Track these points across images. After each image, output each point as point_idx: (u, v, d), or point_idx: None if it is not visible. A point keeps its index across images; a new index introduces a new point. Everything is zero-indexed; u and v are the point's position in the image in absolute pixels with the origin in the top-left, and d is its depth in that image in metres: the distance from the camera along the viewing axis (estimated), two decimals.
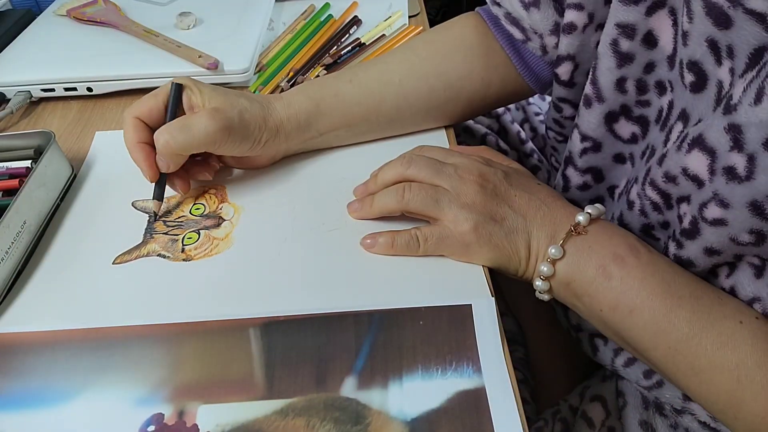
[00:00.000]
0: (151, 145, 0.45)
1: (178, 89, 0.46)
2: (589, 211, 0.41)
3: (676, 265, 0.39)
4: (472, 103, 0.54)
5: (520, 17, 0.49)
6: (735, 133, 0.32)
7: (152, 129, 0.46)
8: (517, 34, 0.50)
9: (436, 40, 0.54)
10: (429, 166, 0.43)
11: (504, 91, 0.54)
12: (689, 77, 0.37)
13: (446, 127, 0.56)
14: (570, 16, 0.43)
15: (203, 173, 0.49)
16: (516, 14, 0.49)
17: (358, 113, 0.51)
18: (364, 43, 0.67)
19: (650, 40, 0.40)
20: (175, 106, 0.46)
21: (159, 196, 0.47)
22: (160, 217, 0.47)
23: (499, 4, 0.51)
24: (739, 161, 0.32)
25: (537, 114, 0.71)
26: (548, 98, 0.69)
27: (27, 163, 0.49)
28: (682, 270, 0.39)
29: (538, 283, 0.41)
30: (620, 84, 0.42)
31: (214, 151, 0.46)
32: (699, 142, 0.35)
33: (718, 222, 0.35)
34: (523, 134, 0.68)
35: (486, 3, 0.53)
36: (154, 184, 0.46)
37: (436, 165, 0.43)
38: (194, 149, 0.45)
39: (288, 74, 0.64)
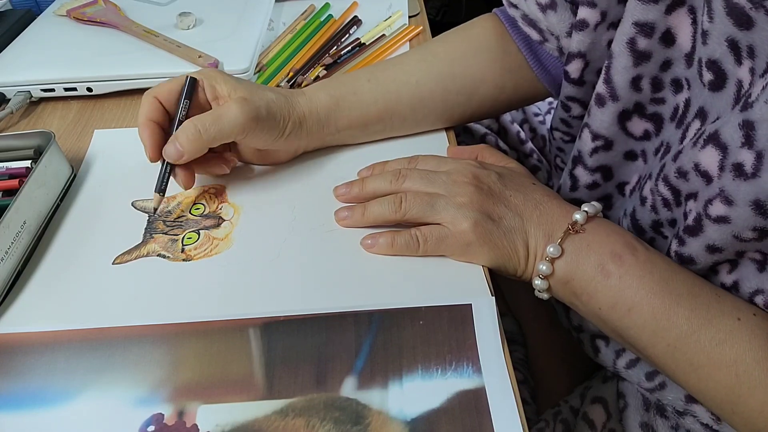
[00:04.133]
0: (160, 125, 0.46)
1: (192, 83, 0.46)
2: (586, 209, 0.41)
3: (673, 262, 0.39)
4: (481, 107, 0.54)
5: (537, 19, 0.49)
6: (748, 129, 0.32)
7: (167, 111, 0.46)
8: (534, 36, 0.50)
9: (454, 41, 0.54)
10: (422, 177, 0.44)
11: (515, 96, 0.54)
12: (708, 76, 0.36)
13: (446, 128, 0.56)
14: (582, 13, 0.43)
15: (221, 167, 0.49)
16: (533, 16, 0.49)
17: (375, 112, 0.51)
18: (364, 43, 0.67)
19: (668, 38, 0.40)
20: (188, 99, 0.46)
21: (161, 189, 0.46)
22: (161, 217, 0.47)
23: (516, 6, 0.50)
24: (747, 158, 0.32)
25: (536, 114, 0.71)
26: (548, 98, 0.69)
27: (27, 163, 0.49)
28: (680, 267, 0.39)
29: (537, 282, 0.41)
30: (635, 82, 0.42)
31: (242, 141, 0.46)
32: (714, 138, 0.35)
33: (722, 219, 0.35)
34: (522, 134, 0.68)
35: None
36: (158, 176, 0.45)
37: (429, 175, 0.44)
38: (225, 139, 0.45)
39: (288, 74, 0.64)
